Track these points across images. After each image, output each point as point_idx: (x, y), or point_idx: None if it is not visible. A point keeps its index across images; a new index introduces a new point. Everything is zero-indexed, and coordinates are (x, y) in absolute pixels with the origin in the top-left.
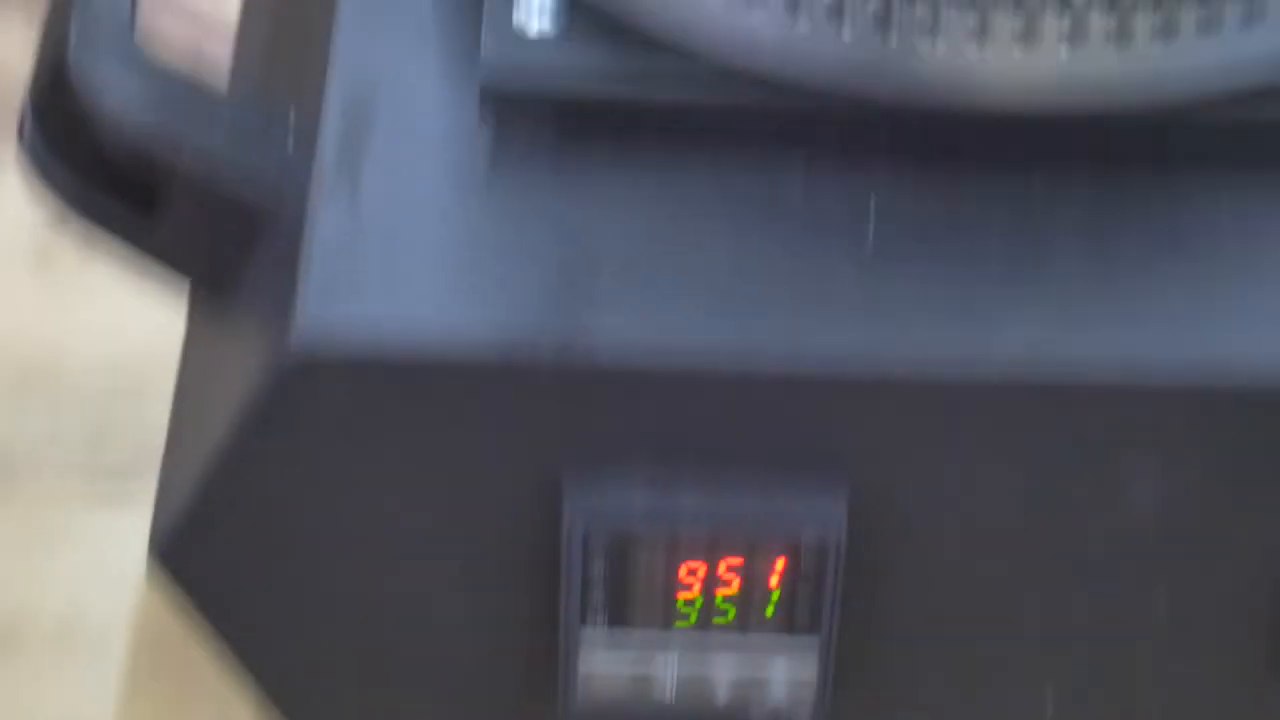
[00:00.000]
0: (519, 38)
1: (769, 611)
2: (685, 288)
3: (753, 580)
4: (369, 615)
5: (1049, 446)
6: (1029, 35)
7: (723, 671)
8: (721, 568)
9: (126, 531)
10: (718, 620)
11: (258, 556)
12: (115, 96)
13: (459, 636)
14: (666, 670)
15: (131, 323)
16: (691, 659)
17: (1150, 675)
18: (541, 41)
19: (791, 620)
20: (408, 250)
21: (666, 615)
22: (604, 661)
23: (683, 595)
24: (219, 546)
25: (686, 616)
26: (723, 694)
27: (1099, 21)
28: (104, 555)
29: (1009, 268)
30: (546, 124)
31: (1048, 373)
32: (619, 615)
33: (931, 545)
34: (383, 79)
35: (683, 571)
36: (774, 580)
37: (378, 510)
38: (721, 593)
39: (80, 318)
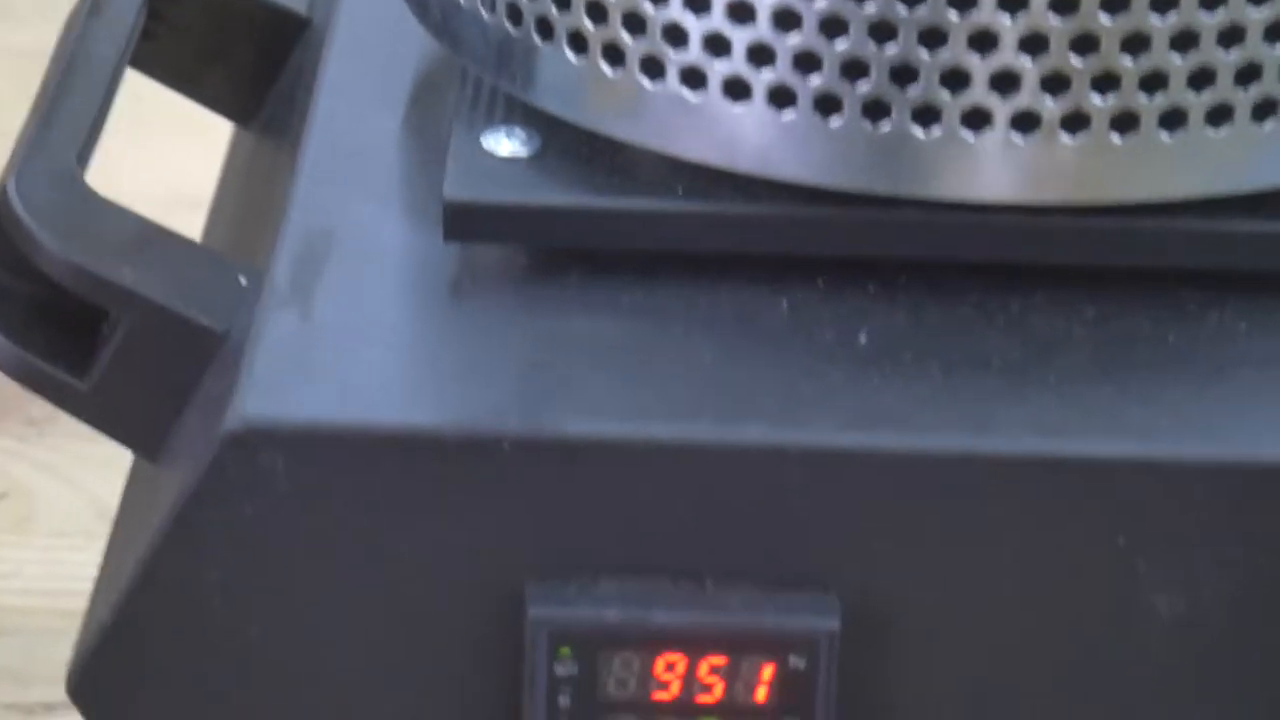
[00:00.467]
0: (487, 159)
1: None
2: (662, 381)
3: (737, 694)
4: None
5: (1050, 538)
6: (1028, 122)
7: None
8: (703, 669)
9: None
10: None
11: (180, 684)
12: (57, 225)
13: None
14: None
15: None
16: None
17: None
18: (512, 162)
19: None
20: (361, 351)
21: None
22: None
23: (658, 695)
24: (137, 675)
25: None
26: None
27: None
28: None
29: (1006, 366)
30: (515, 242)
31: (1047, 451)
32: None
33: (931, 657)
34: (343, 216)
35: (660, 669)
36: (761, 693)
37: (318, 620)
38: (703, 699)
39: None
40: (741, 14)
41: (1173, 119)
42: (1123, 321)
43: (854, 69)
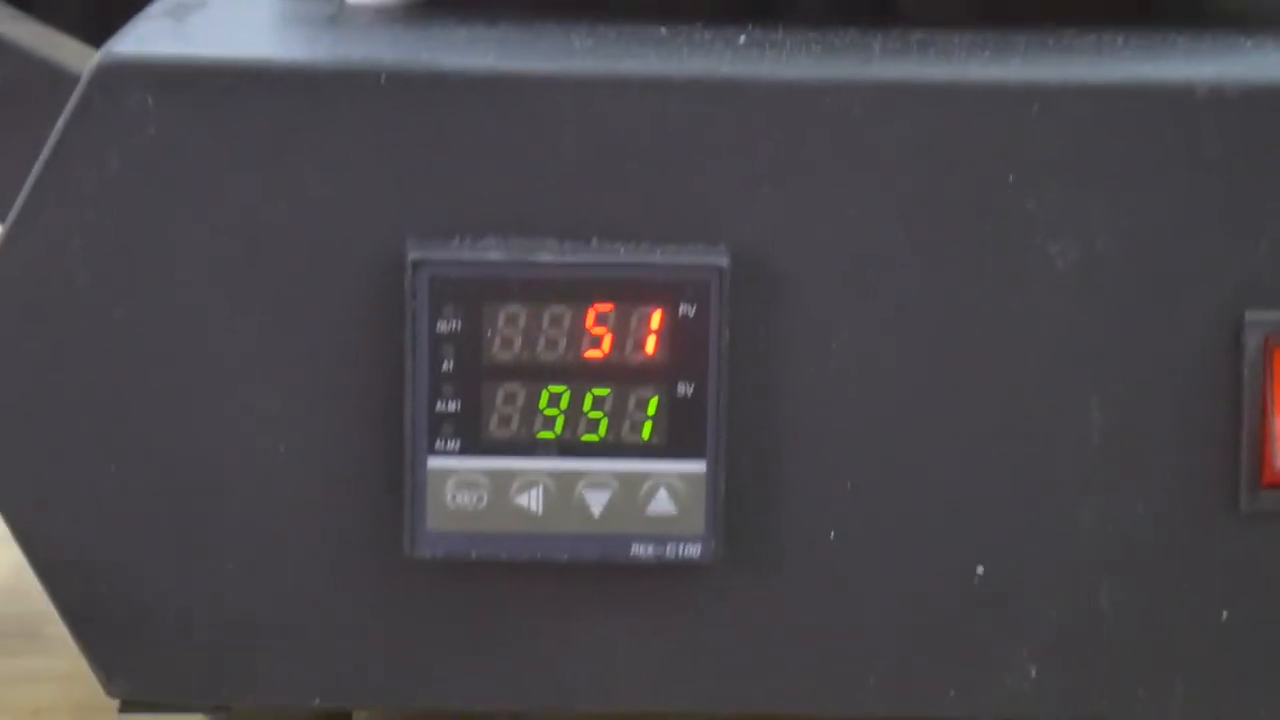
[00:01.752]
0: None
1: (651, 408)
2: (541, 50)
3: (626, 348)
4: (169, 443)
5: (938, 174)
6: None
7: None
8: (590, 319)
9: None
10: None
11: (44, 381)
12: None
13: (283, 464)
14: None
15: None
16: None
17: (1087, 501)
18: None
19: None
20: (236, 36)
21: (531, 394)
22: (459, 467)
23: (547, 359)
24: None
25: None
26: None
27: None
28: None
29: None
30: None
31: (931, 77)
32: (472, 404)
33: (822, 311)
34: None
35: (547, 323)
36: (650, 344)
37: (189, 291)
38: (591, 355)
39: None
40: None
41: None
42: None
43: None
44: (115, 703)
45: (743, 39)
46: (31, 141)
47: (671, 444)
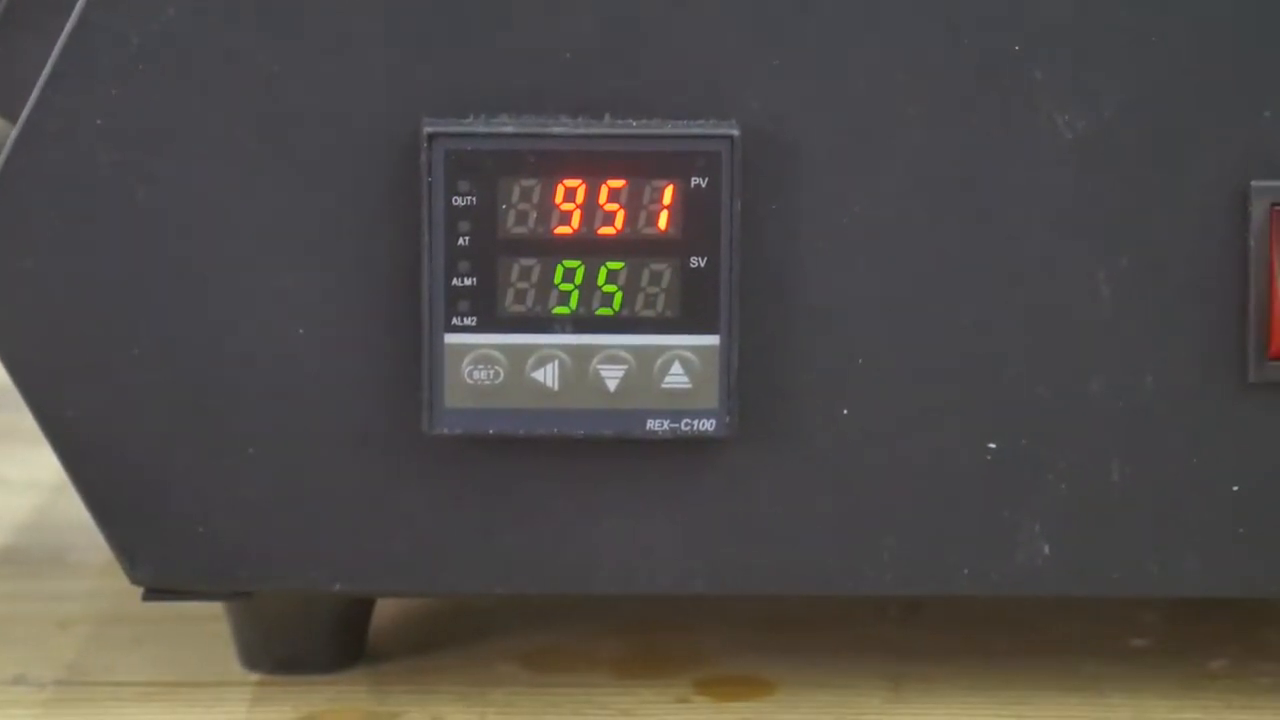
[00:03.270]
0: None
1: (664, 281)
2: None
3: (639, 223)
4: (188, 326)
5: (945, 43)
6: None
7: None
8: (603, 195)
9: None
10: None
11: (65, 267)
12: None
13: (301, 345)
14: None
15: None
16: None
17: (1096, 375)
18: None
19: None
20: None
21: (546, 269)
22: (476, 343)
23: (562, 233)
24: (16, 261)
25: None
26: (612, 383)
27: None
28: None
29: None
30: None
31: None
32: (488, 279)
33: (832, 186)
34: None
35: (560, 197)
36: (663, 220)
37: (207, 170)
38: (604, 231)
39: None
40: None
41: None
42: None
43: None
44: (138, 613)
45: None
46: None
47: (685, 318)
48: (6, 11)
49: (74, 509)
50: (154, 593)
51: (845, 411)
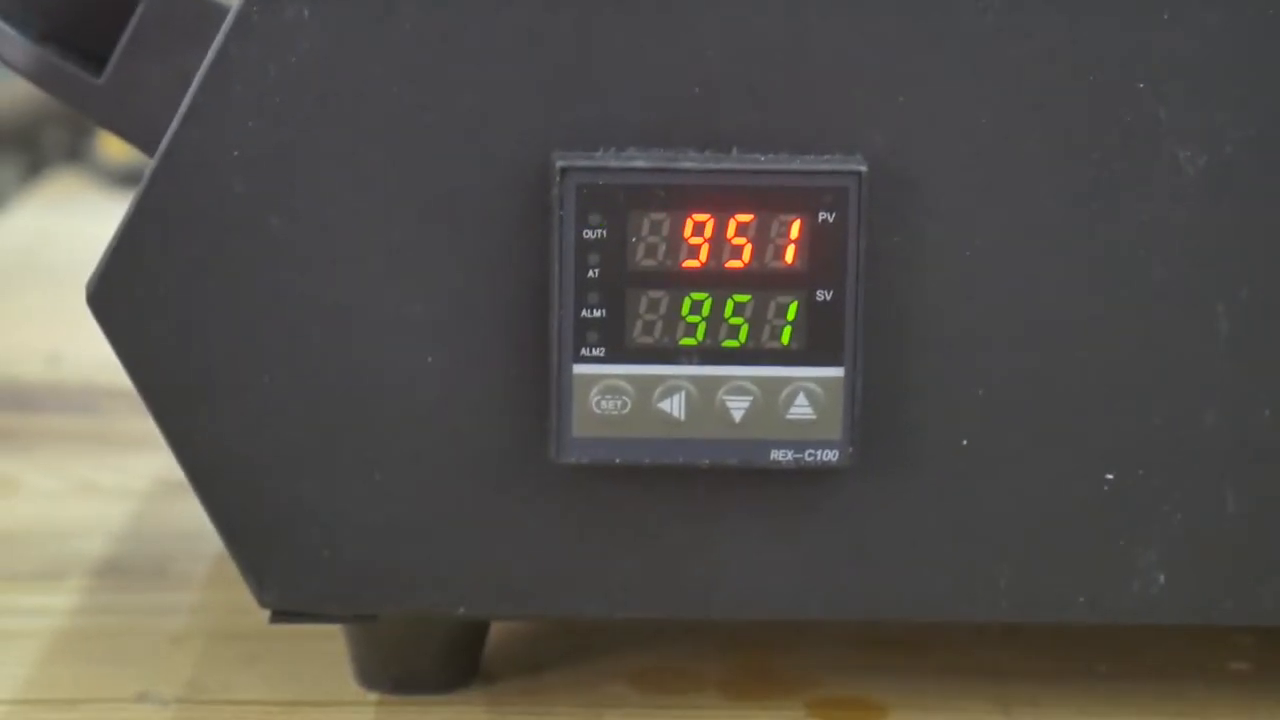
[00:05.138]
0: None
1: (790, 314)
2: None
3: (766, 256)
4: (320, 353)
5: (1070, 85)
6: None
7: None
8: (731, 229)
9: None
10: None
11: (201, 284)
12: None
13: (430, 374)
14: (675, 387)
15: None
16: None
17: (1213, 406)
18: None
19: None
20: None
21: (674, 301)
22: (604, 373)
23: (690, 265)
24: (157, 278)
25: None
26: (738, 413)
27: None
28: None
29: None
30: None
31: None
32: (616, 311)
33: (957, 221)
34: None
35: (689, 231)
36: (790, 254)
37: (341, 200)
38: (732, 265)
39: None
40: None
41: None
42: None
43: None
44: (248, 628)
45: None
46: (177, 70)
47: (810, 350)
48: (130, 41)
49: (171, 518)
50: (281, 615)
51: (964, 441)
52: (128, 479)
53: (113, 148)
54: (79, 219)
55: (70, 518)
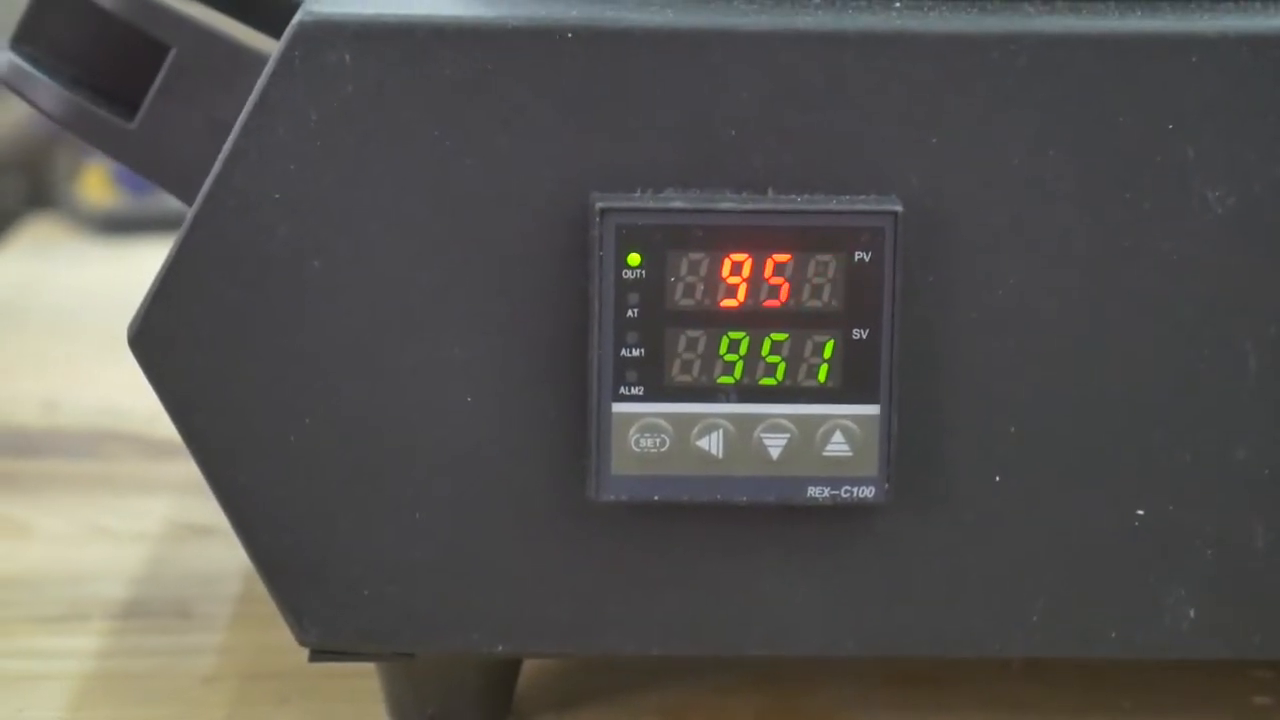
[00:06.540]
0: None
1: (826, 352)
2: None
3: (803, 296)
4: (360, 394)
5: (1101, 124)
6: None
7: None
8: (769, 269)
9: None
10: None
11: (241, 323)
12: None
13: (469, 413)
14: (713, 425)
15: None
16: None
17: (1243, 443)
18: None
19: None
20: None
21: (712, 340)
22: (643, 411)
23: (727, 305)
24: (198, 318)
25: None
26: (775, 450)
27: None
28: None
29: None
30: None
31: (1094, 29)
32: (655, 350)
33: (990, 259)
34: None
35: (727, 271)
36: (826, 291)
37: (382, 243)
38: (769, 304)
39: None
40: None
41: None
42: None
43: None
44: (279, 668)
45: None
46: (209, 115)
47: (846, 387)
48: (162, 86)
49: (187, 560)
50: (320, 653)
51: (997, 478)
52: (138, 522)
53: (92, 193)
54: (57, 264)
55: (86, 561)
